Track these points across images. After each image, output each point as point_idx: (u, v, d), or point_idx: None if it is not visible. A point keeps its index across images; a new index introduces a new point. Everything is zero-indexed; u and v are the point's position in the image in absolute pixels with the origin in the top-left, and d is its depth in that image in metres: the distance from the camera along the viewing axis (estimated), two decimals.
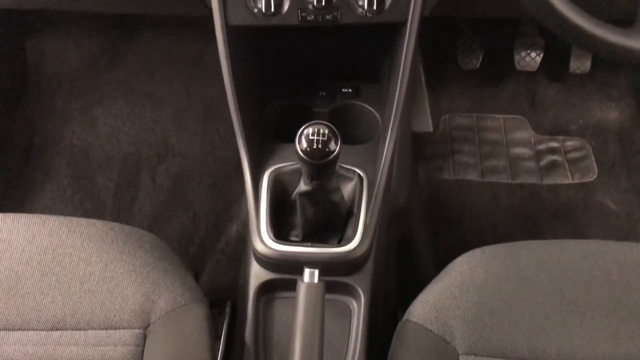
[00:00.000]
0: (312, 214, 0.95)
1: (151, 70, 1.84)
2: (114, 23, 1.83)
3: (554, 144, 1.76)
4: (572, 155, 1.73)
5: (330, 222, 0.98)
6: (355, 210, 1.00)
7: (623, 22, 0.83)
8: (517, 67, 1.79)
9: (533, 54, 1.78)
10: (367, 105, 1.20)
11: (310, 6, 0.99)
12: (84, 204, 1.63)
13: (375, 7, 0.98)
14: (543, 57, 1.78)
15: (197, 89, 1.81)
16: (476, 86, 1.84)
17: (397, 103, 1.04)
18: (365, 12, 0.99)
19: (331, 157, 0.83)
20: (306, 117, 1.15)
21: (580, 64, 1.77)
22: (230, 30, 1.01)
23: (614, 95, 1.82)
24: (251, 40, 1.12)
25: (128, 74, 1.85)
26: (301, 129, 0.85)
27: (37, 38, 1.85)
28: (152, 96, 1.81)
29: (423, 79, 1.79)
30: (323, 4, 0.98)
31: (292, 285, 0.90)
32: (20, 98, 1.82)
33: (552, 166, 1.71)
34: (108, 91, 1.83)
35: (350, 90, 1.23)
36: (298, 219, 0.96)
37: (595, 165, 1.70)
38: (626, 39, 0.78)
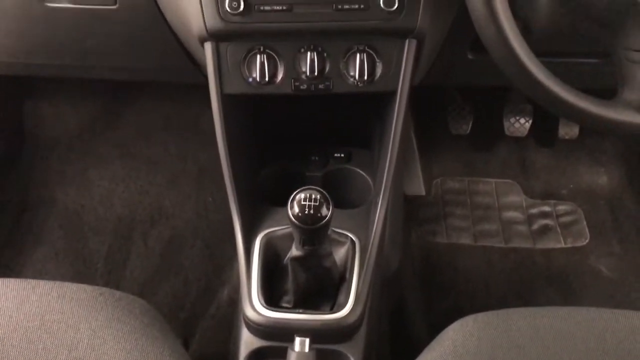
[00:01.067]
0: (303, 279, 0.94)
1: (147, 133, 1.87)
2: (112, 87, 1.86)
3: (546, 208, 1.77)
4: (563, 219, 1.75)
5: (322, 288, 0.98)
6: (347, 276, 0.99)
7: (607, 91, 0.87)
8: (507, 132, 1.83)
9: (522, 120, 1.82)
10: (359, 170, 1.22)
11: (303, 76, 1.02)
12: (76, 266, 1.62)
13: (366, 78, 1.02)
14: (532, 123, 1.81)
15: (192, 152, 1.84)
16: (467, 151, 1.87)
17: (389, 168, 1.06)
18: (357, 82, 1.03)
19: (323, 222, 0.84)
20: (299, 182, 1.18)
21: (568, 130, 1.81)
22: (226, 98, 1.04)
23: (603, 160, 1.85)
24: (245, 107, 1.15)
25: (124, 137, 1.87)
26: (293, 194, 0.86)
27: (35, 101, 1.88)
28: (148, 159, 1.83)
29: (415, 143, 1.82)
30: (316, 74, 1.01)
31: (283, 353, 0.89)
32: (16, 160, 1.83)
33: (545, 230, 1.72)
34: (104, 154, 1.85)
35: (342, 155, 1.25)
36: (290, 285, 0.96)
37: (587, 230, 1.71)
38: (608, 110, 0.80)
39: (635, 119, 0.81)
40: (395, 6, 0.96)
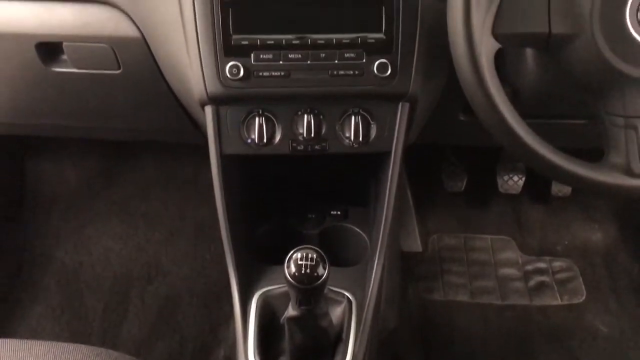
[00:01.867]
0: (300, 339, 0.94)
1: (146, 191, 1.89)
2: (112, 146, 1.89)
3: (542, 265, 1.78)
4: (559, 276, 1.75)
5: (319, 348, 0.97)
6: (344, 335, 0.99)
7: (597, 150, 0.88)
8: (501, 190, 1.85)
9: (515, 178, 1.84)
10: (355, 228, 1.23)
11: (300, 137, 1.05)
12: (72, 324, 1.61)
13: (361, 139, 1.04)
14: (525, 180, 1.84)
15: (190, 210, 1.85)
16: (463, 208, 1.89)
17: (384, 226, 1.08)
18: (352, 143, 1.05)
19: (319, 282, 0.85)
20: (296, 239, 1.20)
21: (561, 187, 1.84)
22: (225, 159, 1.06)
23: (597, 217, 1.87)
24: (244, 166, 1.16)
25: (123, 194, 1.89)
26: (290, 253, 0.87)
27: (36, 158, 1.91)
28: (146, 216, 1.84)
29: (411, 200, 1.84)
30: (312, 135, 1.04)
31: None
32: (15, 217, 1.84)
33: (541, 287, 1.72)
34: (102, 211, 1.86)
35: (339, 213, 1.26)
36: (286, 345, 0.96)
37: (583, 287, 1.72)
38: (595, 173, 0.82)
39: (623, 181, 0.82)
40: (389, 72, 1.00)
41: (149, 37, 1.05)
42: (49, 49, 1.12)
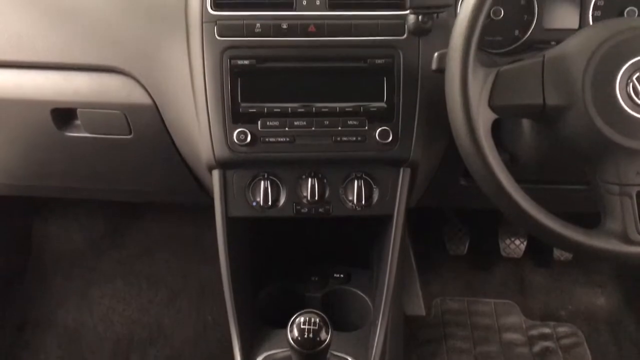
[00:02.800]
0: None
1: (150, 251, 1.89)
2: (117, 206, 1.91)
3: (546, 330, 1.75)
4: (564, 341, 1.72)
5: None
6: None
7: (595, 215, 0.89)
8: (503, 253, 1.85)
9: (517, 242, 1.85)
10: (358, 291, 1.24)
11: (304, 200, 1.07)
12: None
13: (363, 203, 1.06)
14: (527, 244, 1.84)
15: (194, 270, 1.85)
16: (465, 271, 1.88)
17: (387, 291, 1.08)
18: (355, 207, 1.07)
19: (322, 346, 0.85)
20: (298, 303, 1.20)
21: (563, 251, 1.83)
22: (230, 221, 1.08)
23: (600, 281, 1.86)
24: (248, 228, 1.18)
25: (128, 254, 1.89)
26: (293, 317, 0.87)
27: (43, 218, 1.92)
28: (149, 277, 1.84)
29: (414, 263, 1.84)
30: (316, 198, 1.06)
31: None
32: (20, 275, 1.84)
33: (546, 352, 1.69)
34: (107, 271, 1.86)
35: (341, 276, 1.27)
36: None
37: (588, 352, 1.69)
38: (592, 239, 0.84)
39: (620, 248, 0.83)
40: (390, 139, 1.03)
41: (160, 103, 1.09)
42: (64, 114, 1.15)
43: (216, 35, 1.01)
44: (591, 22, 1.10)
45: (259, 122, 1.02)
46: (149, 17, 1.07)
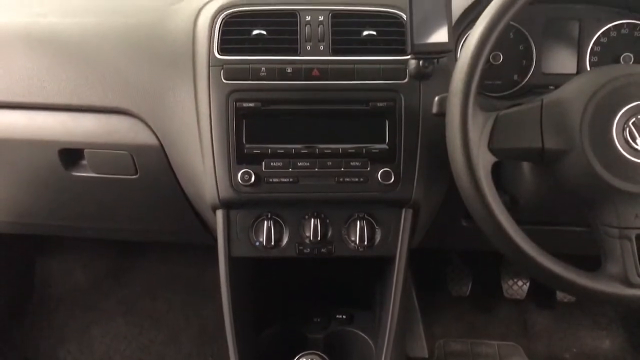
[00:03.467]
0: None
1: (152, 290, 1.89)
2: (120, 245, 1.91)
3: None
4: None
5: None
6: None
7: (596, 257, 0.89)
8: (506, 294, 1.83)
9: (520, 283, 1.83)
10: (360, 333, 1.23)
11: (307, 240, 1.08)
12: None
13: (365, 243, 1.07)
14: (530, 285, 1.83)
15: (195, 310, 1.83)
16: (468, 312, 1.86)
17: (389, 333, 1.08)
18: (357, 247, 1.08)
19: None
20: (301, 344, 1.20)
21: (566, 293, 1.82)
22: (233, 261, 1.08)
23: (604, 323, 1.84)
24: (251, 268, 1.18)
25: (130, 293, 1.88)
26: (295, 358, 0.86)
27: (46, 256, 1.92)
28: (151, 316, 1.83)
29: (416, 304, 1.82)
30: (319, 239, 1.07)
31: None
32: (21, 313, 1.83)
33: None
34: (108, 310, 1.85)
35: (344, 317, 1.27)
36: None
37: None
38: (593, 282, 0.84)
39: (621, 291, 0.83)
40: (392, 180, 1.04)
41: (167, 144, 1.11)
42: (71, 154, 1.17)
43: (222, 78, 1.03)
44: (589, 68, 1.12)
45: (263, 162, 1.04)
46: (157, 61, 1.09)
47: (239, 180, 1.02)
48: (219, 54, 1.05)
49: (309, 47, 1.05)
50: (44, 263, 1.92)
